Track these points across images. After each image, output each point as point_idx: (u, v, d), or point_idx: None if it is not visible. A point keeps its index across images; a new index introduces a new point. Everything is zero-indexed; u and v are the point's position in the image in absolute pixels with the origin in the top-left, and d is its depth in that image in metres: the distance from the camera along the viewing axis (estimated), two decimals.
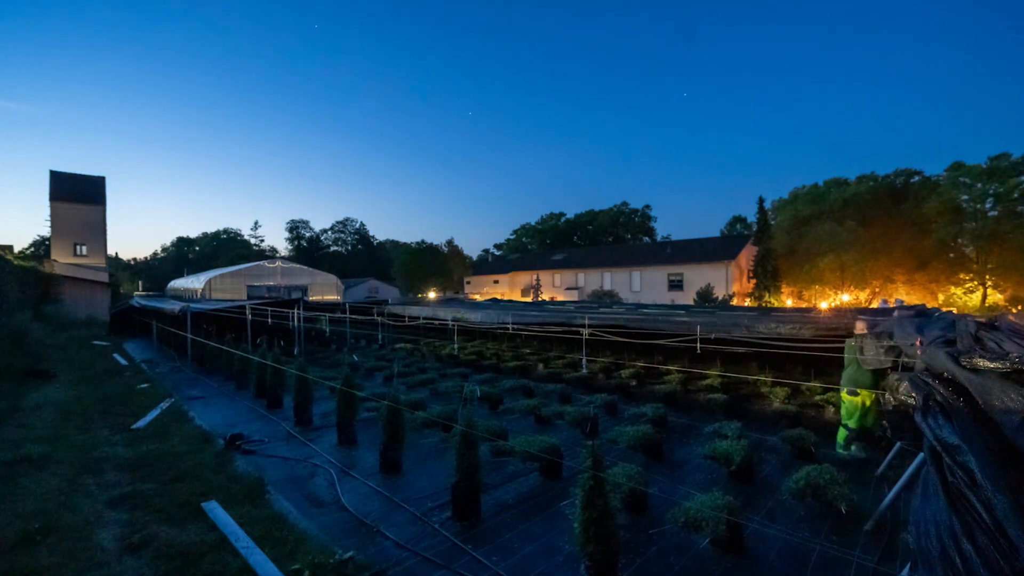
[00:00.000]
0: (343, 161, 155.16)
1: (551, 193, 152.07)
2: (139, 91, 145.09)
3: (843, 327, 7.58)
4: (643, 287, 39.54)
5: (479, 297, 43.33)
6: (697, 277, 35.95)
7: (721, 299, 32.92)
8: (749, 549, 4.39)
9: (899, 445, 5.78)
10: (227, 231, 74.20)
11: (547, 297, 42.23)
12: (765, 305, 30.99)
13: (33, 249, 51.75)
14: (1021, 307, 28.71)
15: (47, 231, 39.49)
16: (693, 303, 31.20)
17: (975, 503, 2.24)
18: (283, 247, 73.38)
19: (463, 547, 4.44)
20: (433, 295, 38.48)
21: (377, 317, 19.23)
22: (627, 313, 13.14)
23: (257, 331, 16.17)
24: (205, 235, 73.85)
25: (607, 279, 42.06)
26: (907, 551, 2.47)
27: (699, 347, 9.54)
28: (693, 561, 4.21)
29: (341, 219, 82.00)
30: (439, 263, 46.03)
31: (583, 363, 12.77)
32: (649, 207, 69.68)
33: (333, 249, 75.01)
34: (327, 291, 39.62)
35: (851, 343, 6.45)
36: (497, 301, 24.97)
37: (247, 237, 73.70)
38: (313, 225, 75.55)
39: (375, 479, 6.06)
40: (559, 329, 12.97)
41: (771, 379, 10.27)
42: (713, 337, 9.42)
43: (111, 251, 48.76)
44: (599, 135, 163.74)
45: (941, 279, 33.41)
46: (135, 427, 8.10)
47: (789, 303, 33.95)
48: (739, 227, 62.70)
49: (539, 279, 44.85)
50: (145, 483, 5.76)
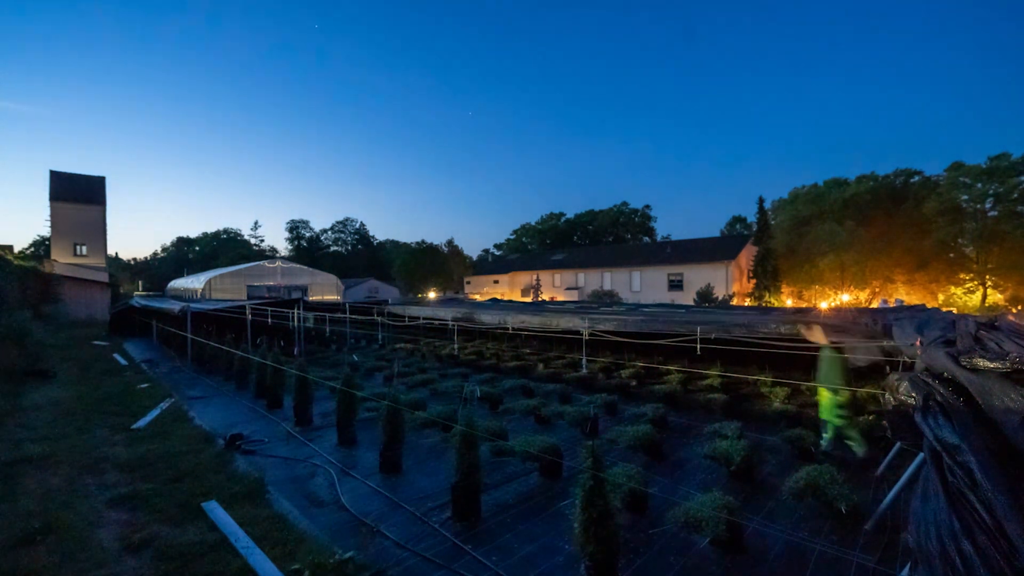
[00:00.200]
0: (343, 161, 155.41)
1: (551, 193, 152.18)
2: (139, 91, 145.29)
3: (843, 328, 7.58)
4: (643, 287, 39.53)
5: (479, 297, 43.33)
6: (697, 277, 35.93)
7: (721, 299, 32.92)
8: (749, 549, 4.39)
9: (899, 445, 5.78)
10: (227, 231, 74.24)
11: (547, 297, 42.22)
12: (765, 305, 30.99)
13: (33, 249, 51.77)
14: (1021, 307, 28.72)
15: (47, 231, 39.55)
16: (693, 303, 31.20)
17: (975, 503, 2.24)
18: (283, 247, 73.48)
19: (463, 547, 4.44)
20: (433, 295, 38.47)
21: (377, 317, 19.23)
22: (627, 314, 13.13)
23: (257, 331, 16.17)
24: (205, 235, 73.86)
25: (607, 279, 42.05)
26: (907, 551, 2.47)
27: (699, 347, 9.54)
28: (693, 561, 4.21)
29: (341, 219, 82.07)
30: (439, 263, 46.03)
31: (583, 363, 12.77)
32: (649, 207, 69.73)
33: (333, 249, 75.01)
34: (327, 291, 39.61)
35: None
36: (497, 301, 24.97)
37: (247, 237, 73.77)
38: (313, 225, 75.66)
39: (375, 479, 6.06)
40: (559, 329, 12.98)
41: (771, 379, 10.27)
42: (713, 337, 9.42)
43: (111, 251, 48.80)
44: (599, 135, 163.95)
45: (941, 279, 33.41)
46: (135, 427, 8.10)
47: (789, 303, 33.94)
48: (739, 227, 62.69)
49: (539, 279, 44.84)
50: (145, 483, 5.77)
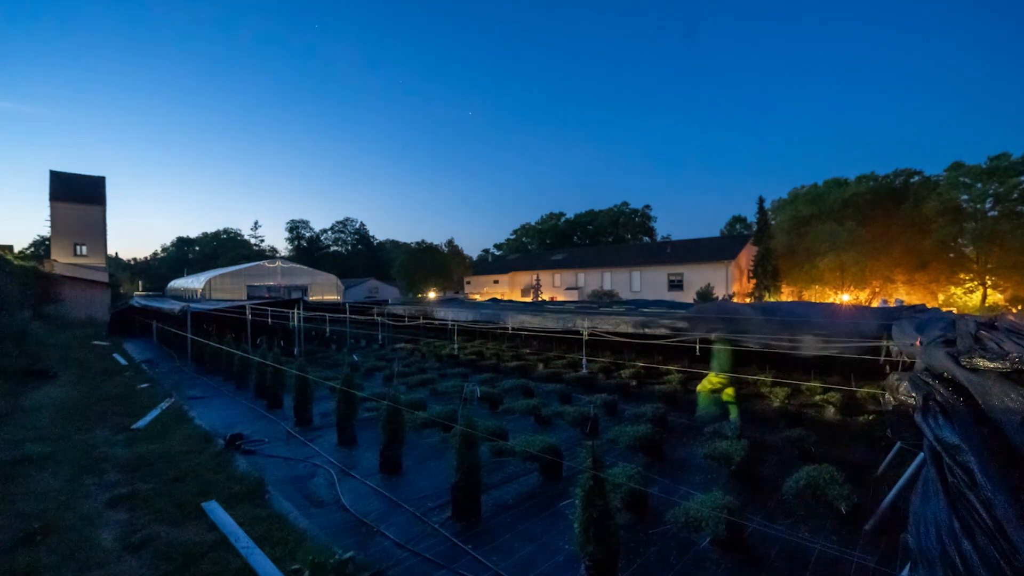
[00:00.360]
0: (343, 161, 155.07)
1: (551, 193, 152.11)
2: (139, 91, 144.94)
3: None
4: (643, 287, 39.53)
5: (479, 297, 43.34)
6: (697, 277, 35.93)
7: (721, 299, 32.93)
8: (749, 549, 4.39)
9: (899, 445, 5.78)
10: (227, 231, 74.20)
11: (547, 297, 42.22)
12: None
13: (33, 249, 51.75)
14: (1021, 307, 28.72)
15: (47, 231, 39.52)
16: (693, 303, 31.17)
17: (975, 503, 2.24)
18: (283, 247, 73.42)
19: (463, 547, 4.44)
20: (433, 295, 38.48)
21: (377, 317, 19.24)
22: (628, 315, 13.13)
23: (257, 331, 16.17)
24: (205, 235, 73.83)
25: (607, 279, 42.05)
26: (907, 551, 2.47)
27: (698, 347, 9.54)
28: (693, 561, 4.21)
29: (341, 219, 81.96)
30: (439, 263, 46.00)
31: (583, 363, 12.77)
32: (649, 207, 69.66)
33: (333, 249, 74.99)
34: (327, 291, 39.60)
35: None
36: (497, 301, 24.97)
37: (247, 237, 73.74)
38: (313, 225, 75.59)
39: (375, 479, 6.06)
40: (559, 330, 12.98)
41: (771, 379, 10.27)
42: (713, 337, 9.41)
43: (111, 251, 48.79)
44: (599, 135, 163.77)
45: (941, 279, 33.39)
46: (135, 427, 8.10)
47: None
48: (739, 227, 62.65)
49: (539, 279, 44.84)
50: (145, 483, 5.77)
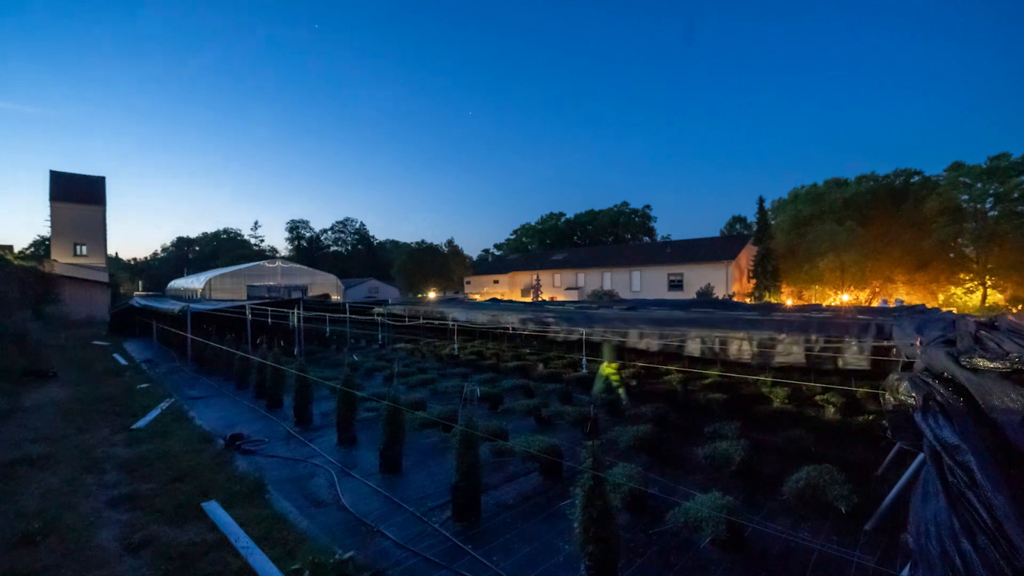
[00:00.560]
0: (343, 161, 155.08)
1: (551, 193, 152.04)
2: (139, 91, 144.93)
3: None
4: (643, 287, 39.52)
5: (479, 297, 43.34)
6: (697, 277, 35.93)
7: (721, 299, 32.93)
8: (749, 549, 4.39)
9: (899, 445, 5.77)
10: (227, 231, 74.19)
11: (547, 297, 42.22)
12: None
13: (33, 249, 51.65)
14: (1021, 307, 28.71)
15: (47, 231, 39.55)
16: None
17: (975, 503, 2.24)
18: (283, 247, 73.40)
19: (463, 547, 4.44)
20: (433, 295, 38.47)
21: (377, 317, 19.23)
22: (628, 315, 13.12)
23: (257, 331, 16.16)
24: (205, 235, 73.83)
25: (607, 279, 42.04)
26: (907, 551, 2.47)
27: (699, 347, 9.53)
28: (693, 561, 4.21)
29: (341, 219, 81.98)
30: (439, 263, 45.98)
31: (583, 363, 12.76)
32: (649, 207, 69.67)
33: (333, 249, 74.98)
34: (327, 291, 39.61)
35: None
36: (497, 301, 24.96)
37: (247, 237, 73.74)
38: (313, 225, 75.61)
39: (375, 479, 6.06)
40: (560, 331, 12.98)
41: (771, 379, 10.27)
42: (714, 337, 9.41)
43: (111, 251, 48.77)
44: (599, 134, 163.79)
45: (941, 279, 33.38)
46: (135, 427, 8.10)
47: (789, 303, 33.92)
48: (739, 227, 62.64)
49: (539, 279, 44.84)
50: (145, 483, 5.77)
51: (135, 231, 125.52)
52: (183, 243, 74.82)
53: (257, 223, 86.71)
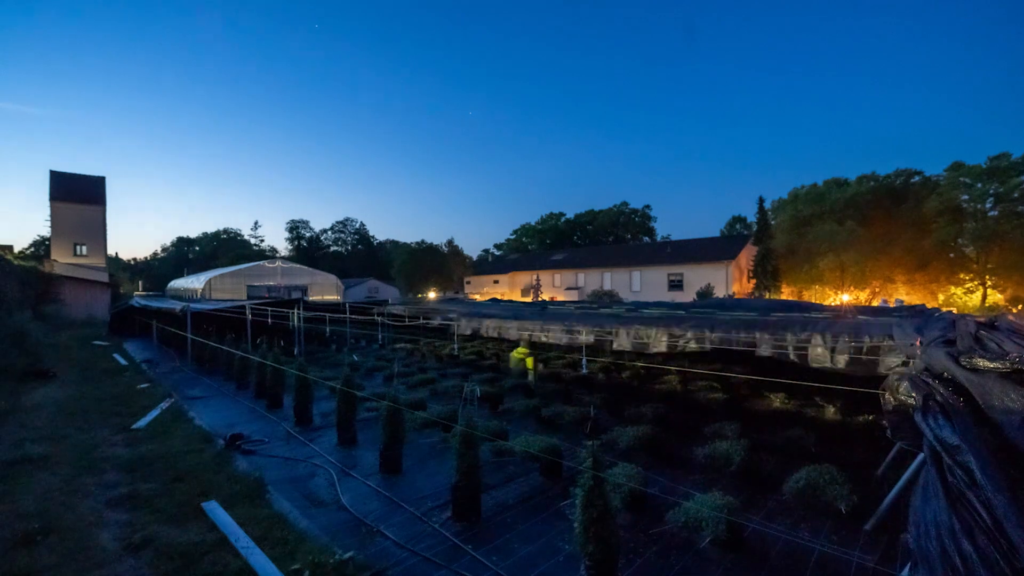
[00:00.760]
0: (343, 161, 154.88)
1: (551, 193, 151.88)
2: (139, 91, 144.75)
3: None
4: (643, 287, 39.53)
5: (479, 297, 43.32)
6: (697, 277, 35.94)
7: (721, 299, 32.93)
8: (749, 549, 4.39)
9: (899, 445, 5.77)
10: (227, 231, 74.21)
11: (547, 297, 42.22)
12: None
13: (33, 249, 51.65)
14: (1021, 307, 28.71)
15: (47, 231, 39.57)
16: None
17: (975, 503, 2.24)
18: (283, 247, 73.41)
19: (463, 547, 4.44)
20: (433, 295, 38.47)
21: (377, 317, 19.22)
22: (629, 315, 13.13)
23: (257, 331, 16.16)
24: (205, 235, 73.85)
25: (607, 279, 42.05)
26: (907, 551, 2.47)
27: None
28: (693, 561, 4.21)
29: (341, 219, 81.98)
30: (439, 263, 46.00)
31: (583, 363, 12.77)
32: (649, 207, 69.68)
33: (333, 249, 74.99)
34: (327, 291, 39.61)
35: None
36: (497, 301, 24.95)
37: (247, 237, 73.76)
38: (313, 225, 75.60)
39: (375, 479, 6.06)
40: (560, 332, 12.96)
41: (771, 379, 10.26)
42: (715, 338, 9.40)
43: (111, 251, 48.81)
44: (599, 134, 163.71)
45: (941, 279, 33.38)
46: (135, 427, 8.10)
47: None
48: (739, 227, 62.66)
49: (539, 279, 44.84)
50: (145, 483, 5.77)
51: (135, 231, 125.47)
52: (183, 243, 74.84)
53: (257, 223, 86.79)
